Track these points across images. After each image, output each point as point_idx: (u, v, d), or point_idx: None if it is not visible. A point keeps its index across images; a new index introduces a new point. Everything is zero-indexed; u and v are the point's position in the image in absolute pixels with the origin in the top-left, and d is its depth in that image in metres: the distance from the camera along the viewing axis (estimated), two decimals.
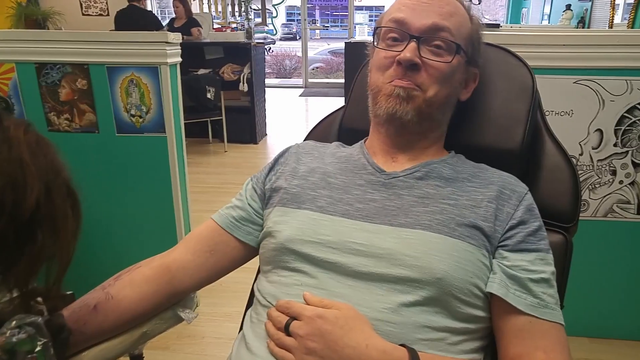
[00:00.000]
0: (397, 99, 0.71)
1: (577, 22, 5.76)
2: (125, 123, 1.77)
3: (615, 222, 1.63)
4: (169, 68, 1.71)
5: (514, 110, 0.80)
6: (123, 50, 1.69)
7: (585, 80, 1.52)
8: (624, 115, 1.54)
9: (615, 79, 1.51)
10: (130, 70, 1.72)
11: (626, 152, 1.57)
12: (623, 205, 1.62)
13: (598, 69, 1.51)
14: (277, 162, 0.83)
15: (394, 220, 0.68)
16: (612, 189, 1.61)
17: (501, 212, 0.69)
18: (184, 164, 1.88)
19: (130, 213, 1.87)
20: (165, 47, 1.67)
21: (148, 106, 1.75)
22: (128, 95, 1.75)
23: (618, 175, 1.60)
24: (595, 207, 1.63)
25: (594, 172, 1.60)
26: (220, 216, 0.80)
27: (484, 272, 0.66)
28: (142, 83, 1.73)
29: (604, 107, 1.54)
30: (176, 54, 1.77)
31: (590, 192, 1.62)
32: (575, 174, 0.78)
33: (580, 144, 1.58)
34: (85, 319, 0.68)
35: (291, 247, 0.69)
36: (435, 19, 0.71)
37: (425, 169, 0.74)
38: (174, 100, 1.77)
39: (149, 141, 1.77)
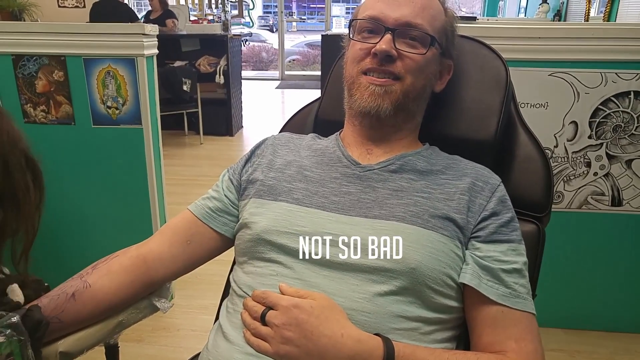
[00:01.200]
0: (373, 95, 0.72)
1: (553, 15, 5.88)
2: (102, 115, 1.74)
3: (590, 213, 1.68)
4: (146, 60, 1.68)
5: (488, 102, 0.81)
6: (100, 42, 1.66)
7: (560, 72, 1.55)
8: (598, 107, 1.58)
9: (590, 72, 1.54)
10: (107, 62, 1.68)
11: (600, 144, 1.61)
12: (597, 197, 1.66)
13: (573, 62, 1.54)
14: (254, 154, 0.83)
15: (369, 212, 0.69)
16: (586, 180, 1.65)
17: (474, 204, 0.70)
18: (160, 156, 1.85)
19: (106, 204, 1.84)
20: (142, 38, 1.64)
21: (124, 98, 1.72)
22: (104, 87, 1.71)
23: (592, 167, 1.64)
24: (570, 198, 1.67)
25: (568, 164, 1.64)
26: (197, 207, 0.80)
27: (456, 263, 0.67)
28: (119, 75, 1.69)
29: (578, 100, 1.57)
30: (153, 46, 1.73)
31: (565, 184, 1.66)
32: (548, 164, 0.80)
33: (555, 136, 1.62)
34: (63, 307, 0.68)
35: (267, 237, 0.70)
36: (409, 11, 0.72)
37: (400, 162, 0.75)
38: (150, 92, 1.74)
39: (125, 133, 1.75)
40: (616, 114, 1.57)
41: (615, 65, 1.52)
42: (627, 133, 1.59)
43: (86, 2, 6.10)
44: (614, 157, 1.62)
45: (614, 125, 1.59)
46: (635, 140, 1.59)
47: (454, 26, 0.79)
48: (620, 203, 1.66)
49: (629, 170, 1.62)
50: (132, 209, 1.83)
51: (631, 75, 1.53)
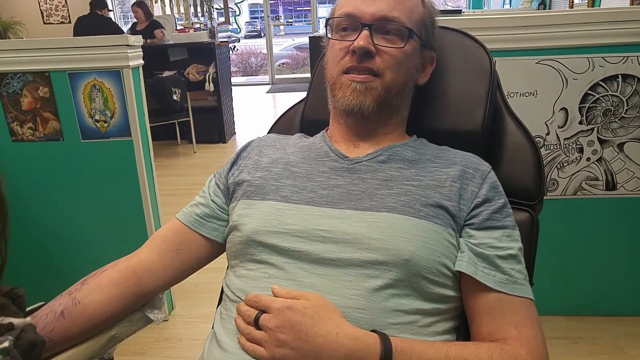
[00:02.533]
0: (355, 92, 0.71)
1: (538, 4, 5.90)
2: (90, 129, 1.73)
3: (585, 199, 1.67)
4: (132, 71, 1.67)
5: (474, 92, 0.80)
6: (84, 55, 1.65)
7: (547, 60, 1.55)
8: (587, 92, 1.58)
9: (577, 57, 1.54)
10: (92, 75, 1.67)
11: (592, 129, 1.61)
12: (592, 182, 1.66)
13: (559, 49, 1.54)
14: (240, 157, 0.82)
15: (359, 205, 0.68)
16: (580, 166, 1.65)
17: (465, 191, 0.70)
18: (152, 167, 1.84)
19: (99, 219, 1.83)
20: (126, 50, 1.63)
21: (112, 110, 1.70)
22: (91, 101, 1.70)
23: (585, 153, 1.64)
24: (565, 185, 1.67)
25: (561, 151, 1.64)
26: (185, 214, 0.79)
27: (451, 251, 0.66)
28: (105, 87, 1.68)
29: (567, 86, 1.57)
30: (138, 57, 1.72)
31: (559, 171, 1.66)
32: (538, 152, 0.80)
33: (547, 124, 1.61)
34: (52, 326, 0.67)
35: (257, 239, 0.69)
36: (385, 5, 0.71)
37: (388, 152, 0.75)
38: (138, 103, 1.73)
39: (115, 146, 1.73)
40: (605, 98, 1.57)
41: (601, 50, 1.52)
42: (617, 117, 1.59)
43: (72, 17, 6.09)
44: (605, 142, 1.62)
45: (604, 109, 1.59)
46: (626, 123, 1.59)
47: (433, 17, 0.78)
48: (615, 187, 1.65)
49: (621, 153, 1.62)
50: (126, 222, 1.81)
51: (618, 58, 1.53)
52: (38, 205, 1.80)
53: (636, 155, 1.62)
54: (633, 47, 1.51)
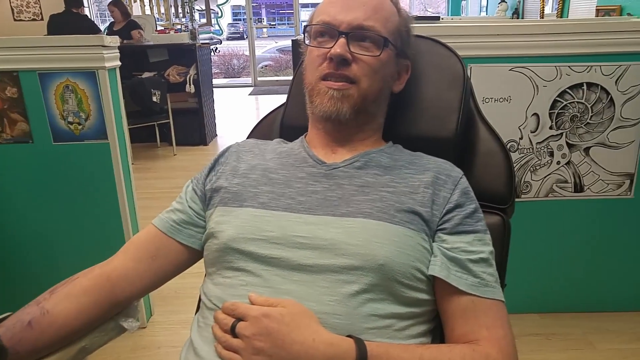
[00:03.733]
0: (332, 100, 0.73)
1: (512, 13, 6.04)
2: (63, 131, 1.69)
3: (556, 201, 1.73)
4: (108, 72, 1.65)
5: (447, 100, 0.82)
6: (56, 55, 1.61)
7: (519, 67, 1.60)
8: (556, 99, 1.63)
9: (546, 66, 1.59)
10: (64, 76, 1.64)
11: (561, 134, 1.66)
12: (561, 185, 1.71)
13: (530, 57, 1.59)
14: (217, 162, 0.82)
15: (336, 210, 0.69)
16: (550, 169, 1.70)
17: (438, 197, 0.71)
18: (129, 170, 1.82)
19: (73, 225, 1.79)
20: (102, 50, 1.61)
21: (87, 112, 1.68)
22: (64, 102, 1.67)
23: (555, 157, 1.69)
24: (537, 188, 1.71)
25: (534, 155, 1.68)
26: (161, 220, 0.79)
27: (425, 256, 0.68)
28: (79, 89, 1.66)
29: (538, 93, 1.62)
30: (114, 58, 1.71)
31: (532, 174, 1.70)
32: (509, 157, 0.82)
33: (520, 129, 1.66)
34: (19, 336, 0.65)
35: (234, 246, 0.69)
36: (361, 14, 0.73)
37: (364, 158, 0.76)
38: (115, 105, 1.71)
39: (90, 149, 1.70)
40: (572, 104, 1.62)
41: (568, 59, 1.58)
42: (583, 122, 1.64)
43: (44, 14, 5.94)
44: (573, 146, 1.67)
45: (571, 115, 1.64)
46: (591, 128, 1.65)
47: (408, 26, 0.80)
48: (582, 189, 1.71)
49: (587, 157, 1.68)
50: (102, 227, 1.78)
51: (582, 67, 1.58)
52: (5, 211, 1.76)
53: (600, 159, 1.68)
54: (596, 57, 1.58)
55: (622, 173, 1.69)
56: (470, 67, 1.60)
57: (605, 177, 1.70)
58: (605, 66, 1.59)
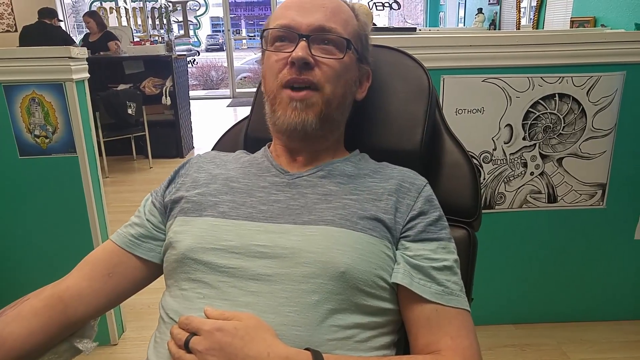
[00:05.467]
0: (296, 111, 0.70)
1: (489, 24, 6.16)
2: (29, 144, 1.64)
3: (530, 211, 1.73)
4: (75, 84, 1.61)
5: (413, 112, 0.81)
6: (22, 67, 1.57)
7: (492, 78, 1.61)
8: (528, 110, 1.64)
9: (519, 77, 1.61)
10: (30, 88, 1.60)
11: (534, 145, 1.68)
12: (535, 195, 1.72)
13: (503, 68, 1.60)
14: (178, 174, 0.80)
15: (298, 219, 0.68)
16: (524, 180, 1.71)
17: (401, 205, 0.70)
18: (100, 184, 1.76)
19: (43, 240, 1.73)
20: (69, 62, 1.57)
21: (54, 125, 1.63)
22: (30, 115, 1.62)
23: (529, 167, 1.70)
24: (512, 198, 1.72)
25: (507, 166, 1.69)
26: (119, 235, 0.76)
27: (387, 264, 0.67)
28: (46, 101, 1.61)
29: (511, 104, 1.63)
30: (82, 70, 1.66)
31: (506, 185, 1.71)
32: (474, 169, 0.81)
33: (493, 140, 1.67)
34: None
35: (192, 256, 0.67)
36: (321, 16, 0.71)
37: (329, 167, 0.75)
38: (84, 118, 1.66)
39: (58, 162, 1.65)
40: (545, 115, 1.64)
41: (540, 70, 1.60)
42: (556, 133, 1.66)
43: (18, 26, 5.85)
44: (546, 157, 1.68)
45: (544, 126, 1.65)
46: (563, 139, 1.67)
47: (367, 31, 0.79)
48: (556, 199, 1.72)
49: (560, 168, 1.69)
50: (72, 242, 1.72)
51: (554, 78, 1.60)
52: None
53: (573, 170, 1.70)
54: (567, 69, 1.60)
55: (594, 183, 1.72)
56: (443, 79, 1.60)
57: (578, 187, 1.72)
58: (576, 77, 1.61)
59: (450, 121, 1.63)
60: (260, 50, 0.80)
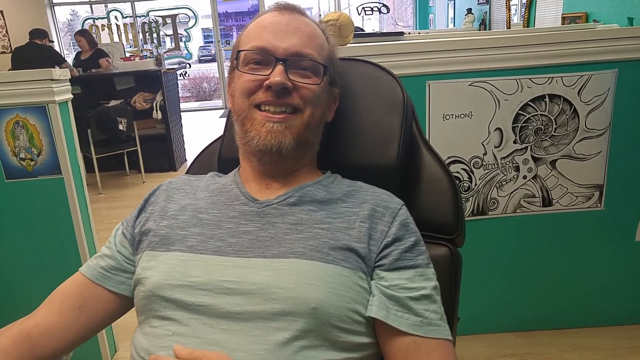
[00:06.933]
0: (272, 133, 0.68)
1: (479, 24, 6.16)
2: (15, 168, 1.62)
3: (525, 216, 1.71)
4: (58, 106, 1.59)
5: (387, 126, 0.78)
6: (4, 91, 1.55)
7: (479, 82, 1.59)
8: (518, 112, 1.62)
9: (506, 79, 1.59)
10: (14, 112, 1.58)
11: (525, 148, 1.66)
12: (529, 200, 1.70)
13: (489, 71, 1.58)
14: (148, 203, 0.77)
15: (267, 252, 0.65)
16: (517, 184, 1.69)
17: (375, 231, 0.67)
18: (87, 203, 1.74)
19: (32, 262, 1.71)
20: (51, 84, 1.55)
21: (39, 148, 1.61)
22: (15, 138, 1.60)
23: (521, 171, 1.68)
24: (505, 203, 1.70)
25: (499, 170, 1.67)
26: (89, 268, 0.73)
27: (362, 296, 0.64)
28: (30, 124, 1.59)
29: (499, 107, 1.61)
30: (65, 91, 1.64)
31: (498, 190, 1.68)
32: (454, 183, 0.78)
33: (483, 144, 1.65)
34: None
35: (160, 293, 0.64)
36: (298, 41, 0.70)
37: (299, 193, 0.72)
38: (68, 139, 1.64)
39: (43, 184, 1.63)
40: (535, 117, 1.62)
41: (528, 72, 1.58)
42: (548, 135, 1.64)
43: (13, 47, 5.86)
44: (539, 159, 1.66)
45: (535, 128, 1.63)
46: (556, 141, 1.64)
47: (336, 54, 0.78)
48: (551, 203, 1.70)
49: (554, 170, 1.67)
50: (61, 262, 1.70)
51: (543, 79, 1.58)
52: None
53: (568, 172, 1.67)
54: (557, 69, 1.58)
55: (590, 185, 1.69)
56: (428, 84, 1.59)
57: (574, 189, 1.70)
58: (566, 77, 1.59)
59: (438, 127, 1.63)
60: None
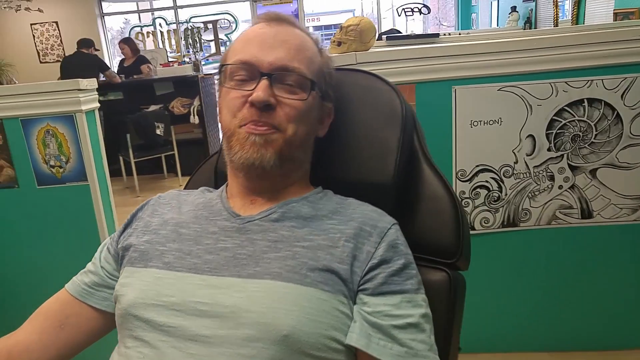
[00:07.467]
0: (254, 146, 0.65)
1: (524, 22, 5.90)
2: (46, 175, 1.69)
3: (560, 228, 1.59)
4: (85, 115, 1.63)
5: (383, 139, 0.73)
6: (36, 101, 1.62)
7: (509, 86, 1.49)
8: (553, 118, 1.51)
9: (539, 83, 1.49)
10: (45, 121, 1.64)
11: (561, 156, 1.54)
12: (566, 211, 1.58)
13: (520, 75, 1.48)
14: (135, 217, 0.76)
15: (243, 271, 0.62)
16: (552, 194, 1.57)
17: (360, 252, 0.62)
18: (112, 210, 1.78)
19: (58, 267, 1.76)
20: (78, 94, 1.60)
21: (67, 155, 1.66)
22: (45, 147, 1.66)
23: (557, 180, 1.56)
24: (538, 215, 1.59)
25: (531, 180, 1.56)
26: (73, 284, 0.73)
27: (342, 322, 0.59)
28: (59, 133, 1.65)
29: (532, 112, 1.51)
30: (92, 100, 1.69)
31: (531, 201, 1.58)
32: (456, 203, 0.71)
33: (514, 152, 1.55)
34: None
35: (134, 312, 0.62)
36: (284, 54, 0.66)
37: (283, 209, 0.68)
38: (95, 147, 1.68)
39: (71, 191, 1.69)
40: (572, 123, 1.50)
41: (564, 74, 1.47)
42: (587, 142, 1.52)
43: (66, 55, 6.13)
44: (577, 168, 1.54)
45: (572, 135, 1.52)
46: (596, 148, 1.52)
47: (330, 67, 0.73)
48: (591, 215, 1.57)
49: (594, 180, 1.54)
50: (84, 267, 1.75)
51: (582, 82, 1.47)
52: None
53: (610, 182, 1.54)
54: (596, 71, 1.46)
55: (636, 196, 1.55)
56: (454, 89, 1.51)
57: (618, 200, 1.56)
58: (608, 79, 1.47)
59: (465, 134, 1.55)
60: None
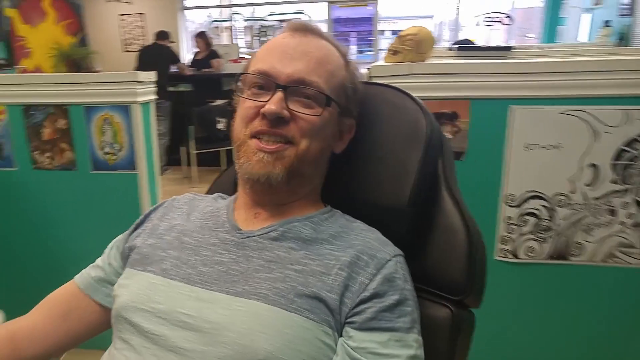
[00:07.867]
0: (261, 162, 0.63)
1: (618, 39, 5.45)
2: (100, 160, 1.78)
3: (617, 268, 1.43)
4: (140, 106, 1.70)
5: (401, 161, 0.68)
6: (98, 90, 1.71)
7: (573, 110, 1.37)
8: (622, 149, 1.36)
9: (610, 109, 1.35)
10: (104, 110, 1.73)
11: (627, 190, 1.39)
12: (626, 250, 1.42)
13: (588, 98, 1.35)
14: (147, 218, 0.77)
15: (231, 288, 0.60)
16: (611, 230, 1.42)
17: (354, 282, 0.59)
18: (157, 201, 1.84)
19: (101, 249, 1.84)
20: (135, 86, 1.67)
21: (120, 144, 1.75)
22: (102, 134, 1.75)
23: (619, 216, 1.41)
24: (592, 250, 1.44)
25: (588, 212, 1.42)
26: (81, 276, 0.75)
27: (324, 353, 0.56)
28: (115, 121, 1.73)
29: (597, 140, 1.37)
30: (148, 93, 1.76)
31: (586, 234, 1.44)
32: (470, 239, 0.65)
33: (571, 181, 1.41)
34: None
35: (125, 315, 0.63)
36: (303, 67, 0.64)
37: (283, 228, 0.66)
38: (146, 138, 1.75)
39: (120, 178, 1.77)
40: None
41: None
42: None
43: None
44: None
45: None
46: None
47: (355, 81, 0.70)
48: None
49: None
50: None
51: None
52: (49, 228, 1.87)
53: None
54: None
55: None
56: (511, 109, 1.40)
57: None
58: None
59: (519, 157, 1.44)
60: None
